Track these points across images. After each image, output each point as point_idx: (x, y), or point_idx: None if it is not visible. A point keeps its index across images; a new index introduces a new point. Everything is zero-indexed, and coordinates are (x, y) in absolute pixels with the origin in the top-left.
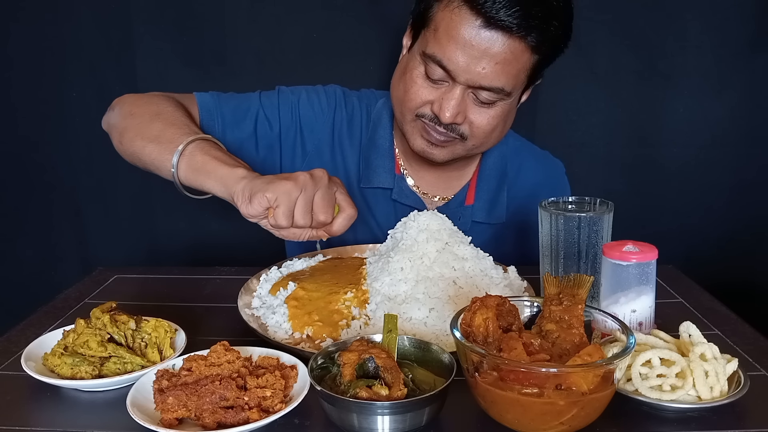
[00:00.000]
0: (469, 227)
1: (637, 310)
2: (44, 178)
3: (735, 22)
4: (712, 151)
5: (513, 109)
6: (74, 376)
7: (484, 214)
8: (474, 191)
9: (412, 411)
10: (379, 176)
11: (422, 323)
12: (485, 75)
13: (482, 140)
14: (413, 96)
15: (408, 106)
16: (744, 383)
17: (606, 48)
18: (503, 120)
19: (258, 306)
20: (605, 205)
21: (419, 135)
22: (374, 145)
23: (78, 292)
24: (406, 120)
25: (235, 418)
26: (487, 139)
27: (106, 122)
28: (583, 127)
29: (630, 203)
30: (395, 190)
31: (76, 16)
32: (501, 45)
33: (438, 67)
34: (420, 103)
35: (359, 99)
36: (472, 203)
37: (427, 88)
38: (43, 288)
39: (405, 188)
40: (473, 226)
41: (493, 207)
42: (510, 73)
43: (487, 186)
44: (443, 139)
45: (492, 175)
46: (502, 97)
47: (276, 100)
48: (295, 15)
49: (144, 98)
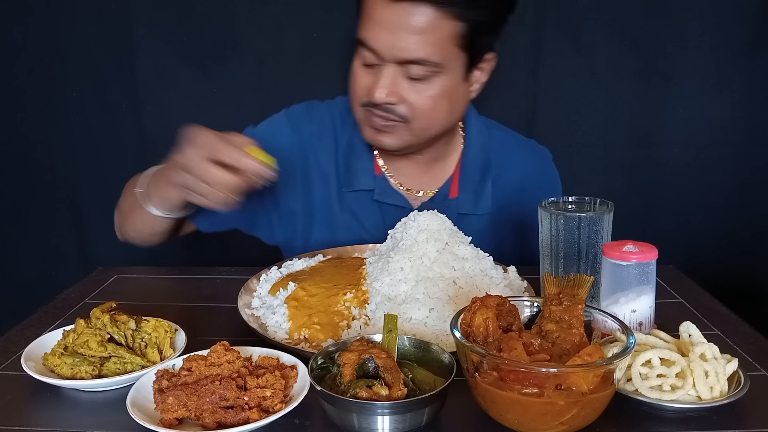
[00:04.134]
0: (455, 219)
1: (637, 310)
2: (44, 177)
3: (735, 22)
4: (712, 151)
5: (458, 87)
6: (74, 376)
7: (470, 206)
8: (457, 184)
9: (412, 411)
10: (359, 179)
11: (422, 323)
12: (406, 48)
13: (426, 121)
14: (355, 86)
15: (353, 97)
16: (744, 383)
17: (606, 48)
18: (446, 99)
19: (258, 306)
20: (605, 205)
21: (366, 124)
22: (352, 149)
23: (78, 292)
24: (357, 112)
25: (235, 418)
26: (430, 120)
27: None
28: (583, 127)
29: (630, 203)
30: (377, 190)
31: (76, 15)
32: (415, 15)
33: (367, 50)
34: (362, 92)
35: (330, 107)
36: (457, 196)
37: (366, 75)
38: (43, 288)
39: (387, 188)
40: (459, 218)
41: (478, 198)
42: (431, 43)
43: (471, 178)
44: (384, 124)
45: (474, 166)
46: (434, 71)
47: None
48: (295, 15)
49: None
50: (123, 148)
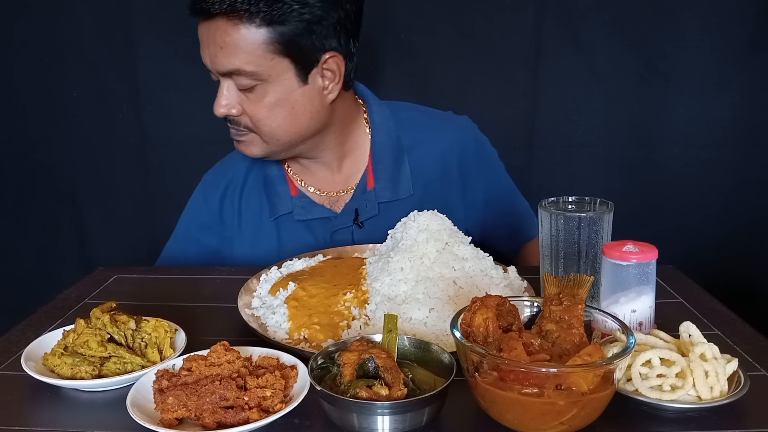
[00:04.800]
0: (379, 210)
1: (637, 310)
2: (45, 177)
3: (735, 22)
4: (712, 151)
5: (295, 92)
6: (74, 376)
7: (389, 193)
8: (372, 174)
9: (412, 411)
10: (277, 205)
11: (422, 323)
12: (219, 61)
13: (269, 128)
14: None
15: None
16: (744, 383)
17: (606, 48)
18: (283, 106)
19: (258, 306)
20: (605, 205)
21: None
22: (267, 179)
23: (78, 292)
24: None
25: (235, 418)
26: (273, 127)
27: None
28: (583, 127)
29: (630, 203)
30: (295, 211)
31: (77, 15)
32: (215, 29)
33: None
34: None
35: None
36: (374, 186)
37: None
38: (43, 288)
39: (306, 204)
40: (384, 208)
41: (396, 183)
42: (240, 53)
43: (383, 165)
44: (238, 134)
45: (385, 153)
46: (257, 80)
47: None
48: None
49: None
50: (123, 148)
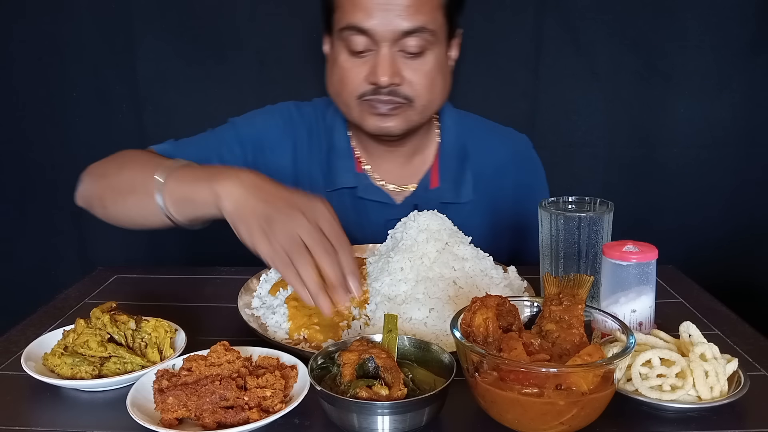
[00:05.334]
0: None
1: (637, 310)
2: (45, 177)
3: (735, 22)
4: (712, 151)
5: (445, 61)
6: (74, 376)
7: (451, 195)
8: (437, 174)
9: (412, 411)
10: (341, 177)
11: (422, 323)
12: (402, 19)
13: (427, 97)
14: (348, 80)
15: (348, 91)
16: (744, 383)
17: (606, 48)
18: (440, 72)
19: (258, 306)
20: (605, 205)
21: (368, 114)
22: (333, 149)
23: (78, 292)
24: (352, 107)
25: (235, 418)
26: (431, 96)
27: (81, 197)
28: (583, 127)
29: (630, 203)
30: (360, 187)
31: (76, 16)
32: None
33: (358, 35)
34: (357, 83)
35: (314, 108)
36: (438, 186)
37: (358, 66)
38: (43, 288)
39: (369, 185)
40: (443, 208)
41: (458, 186)
42: (424, 11)
43: (449, 167)
44: (391, 107)
45: (452, 155)
46: (428, 40)
47: (233, 132)
48: (295, 15)
49: (107, 159)
50: (123, 148)
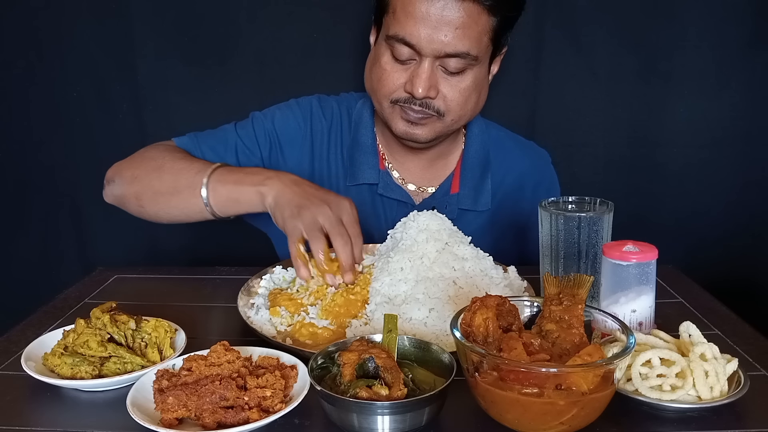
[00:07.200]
0: (457, 215)
1: (637, 310)
2: (45, 177)
3: (735, 22)
4: (712, 151)
5: (484, 79)
6: (74, 376)
7: (470, 202)
8: (458, 180)
9: (412, 411)
10: (364, 172)
11: (422, 323)
12: (448, 42)
13: (458, 113)
14: (386, 82)
15: (383, 92)
16: (744, 383)
17: (606, 48)
18: (476, 90)
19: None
20: (605, 205)
21: (399, 118)
22: (357, 144)
23: (78, 292)
24: (384, 107)
25: (235, 418)
26: (463, 112)
27: (111, 195)
28: (583, 127)
29: (630, 203)
30: (381, 184)
31: (76, 15)
32: (457, 10)
33: (403, 45)
34: (393, 88)
35: (338, 103)
36: (458, 191)
37: (398, 71)
38: (43, 288)
39: (390, 182)
40: (460, 214)
41: (478, 194)
42: (471, 37)
43: (471, 174)
44: (421, 116)
45: (475, 163)
46: (470, 63)
47: (251, 127)
48: (295, 15)
49: (136, 159)
50: (123, 148)
